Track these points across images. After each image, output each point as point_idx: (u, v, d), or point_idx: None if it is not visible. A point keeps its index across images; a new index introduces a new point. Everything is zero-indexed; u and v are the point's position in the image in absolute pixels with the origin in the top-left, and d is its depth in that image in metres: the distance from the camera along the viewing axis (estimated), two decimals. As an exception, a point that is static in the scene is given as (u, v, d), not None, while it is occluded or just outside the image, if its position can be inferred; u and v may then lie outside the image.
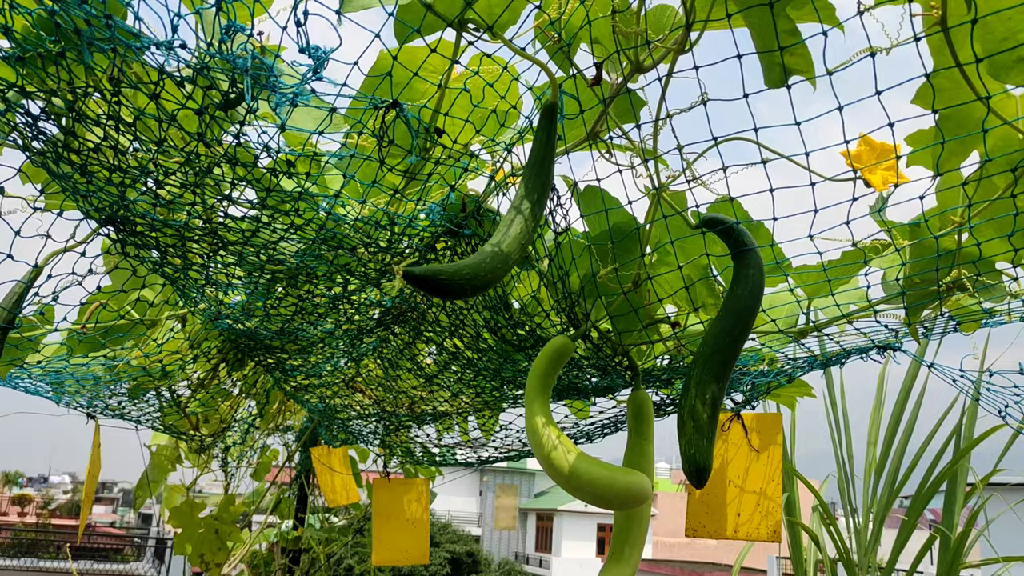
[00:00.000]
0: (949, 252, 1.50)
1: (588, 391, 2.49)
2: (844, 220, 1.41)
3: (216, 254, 1.75)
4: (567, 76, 1.45)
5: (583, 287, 1.77)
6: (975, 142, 1.28)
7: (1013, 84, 1.16)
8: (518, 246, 1.13)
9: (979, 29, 1.11)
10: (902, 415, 3.78)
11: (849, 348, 2.01)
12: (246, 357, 2.68)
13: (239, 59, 1.09)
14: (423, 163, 1.53)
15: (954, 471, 4.17)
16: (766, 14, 1.21)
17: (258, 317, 2.11)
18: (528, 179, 1.23)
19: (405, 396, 3.25)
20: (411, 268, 1.01)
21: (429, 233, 1.86)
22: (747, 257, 1.49)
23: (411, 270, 1.01)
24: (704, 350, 1.47)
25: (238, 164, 1.38)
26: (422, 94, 1.50)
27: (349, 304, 2.18)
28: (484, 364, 2.53)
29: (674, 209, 1.54)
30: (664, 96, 1.38)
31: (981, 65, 1.14)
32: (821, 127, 1.27)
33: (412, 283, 1.02)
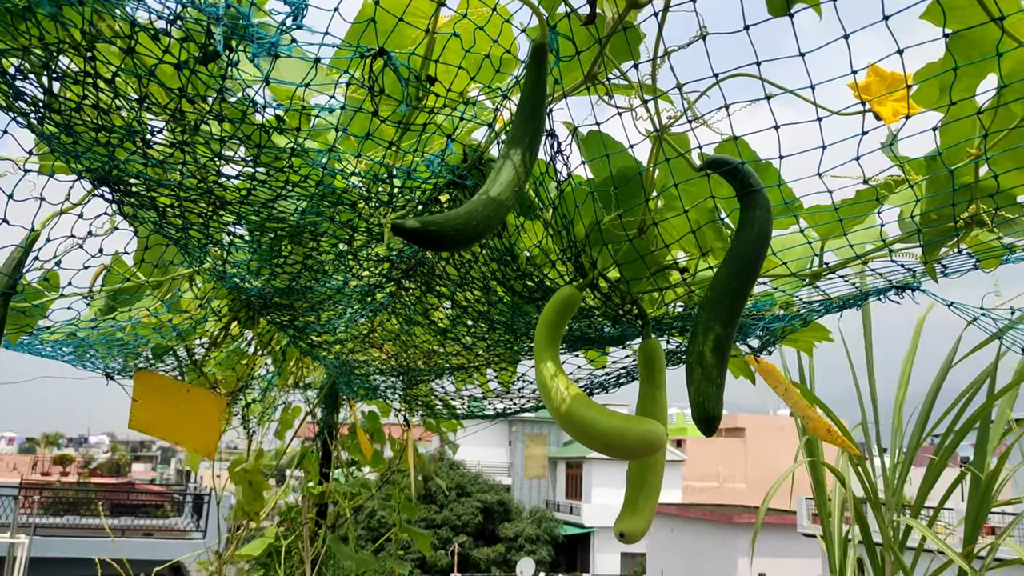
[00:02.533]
0: (966, 186, 1.44)
1: (601, 341, 2.46)
2: (854, 156, 1.36)
3: (215, 213, 1.73)
4: (561, 16, 1.40)
5: (588, 235, 1.73)
6: (990, 67, 1.22)
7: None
8: (510, 192, 1.09)
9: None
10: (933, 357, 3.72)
11: (866, 290, 1.96)
12: (257, 315, 2.67)
13: (211, 7, 1.05)
14: (416, 113, 1.49)
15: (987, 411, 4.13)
16: (765, -61, 1.14)
17: (264, 276, 2.10)
18: (519, 124, 1.18)
19: (420, 351, 3.25)
20: (400, 221, 0.98)
21: (431, 185, 1.82)
22: (753, 198, 1.44)
23: (400, 223, 0.98)
24: (711, 295, 1.43)
25: (225, 120, 1.34)
26: (412, 40, 1.45)
27: (355, 260, 2.16)
28: (495, 316, 2.51)
29: (677, 151, 1.49)
30: (661, 32, 1.32)
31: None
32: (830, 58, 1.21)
33: (402, 236, 0.99)
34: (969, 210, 1.49)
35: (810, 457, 4.30)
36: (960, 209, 1.48)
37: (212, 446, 2.93)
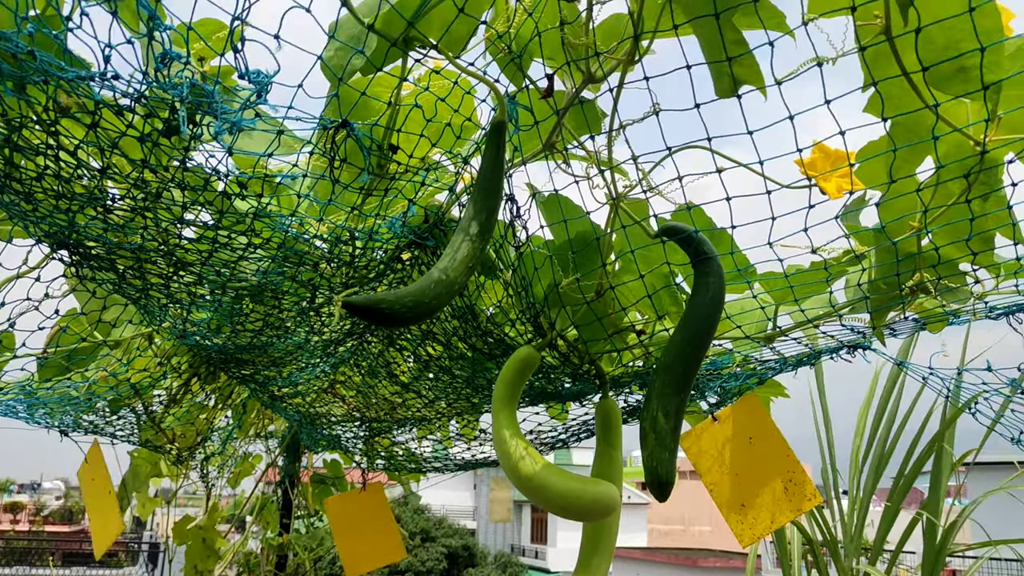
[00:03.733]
0: (911, 256, 1.50)
1: (560, 396, 2.48)
2: (803, 227, 1.41)
3: (176, 274, 1.73)
4: (520, 88, 1.44)
5: (547, 297, 1.76)
6: (927, 149, 1.27)
7: (954, 94, 1.15)
8: (464, 270, 1.12)
9: (921, 39, 1.10)
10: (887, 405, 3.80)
11: (818, 350, 2.01)
12: (218, 370, 2.65)
13: (175, 89, 1.07)
14: (379, 180, 1.52)
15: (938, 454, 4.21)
16: (713, 25, 1.19)
17: (225, 333, 2.09)
18: (476, 199, 1.21)
19: (384, 402, 3.24)
20: (351, 299, 0.99)
21: (392, 246, 1.84)
22: (707, 265, 1.48)
23: (351, 300, 0.99)
24: (665, 360, 1.46)
25: (188, 188, 1.36)
26: (375, 111, 1.48)
27: (317, 317, 2.16)
28: (457, 371, 2.52)
29: (632, 219, 1.53)
30: (616, 107, 1.37)
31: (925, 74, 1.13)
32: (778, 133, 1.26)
33: (353, 313, 1.01)
34: (914, 279, 1.55)
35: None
36: (905, 278, 1.54)
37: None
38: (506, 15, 1.26)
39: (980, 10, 1.09)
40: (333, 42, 1.26)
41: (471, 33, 1.29)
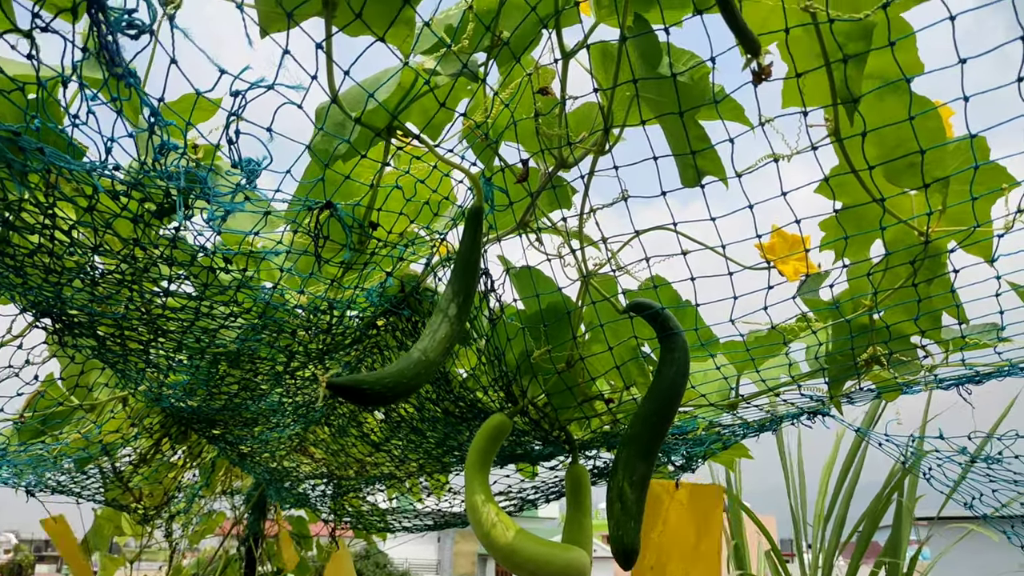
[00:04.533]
0: (863, 333, 1.58)
1: (531, 458, 2.53)
2: (763, 306, 1.49)
3: (155, 341, 1.76)
4: (496, 170, 1.51)
5: (519, 366, 1.81)
6: (877, 235, 1.37)
7: (906, 187, 1.24)
8: (441, 351, 1.17)
9: (874, 136, 1.20)
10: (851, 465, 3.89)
11: (780, 415, 2.08)
12: (189, 430, 2.66)
13: (172, 176, 1.13)
14: (359, 255, 1.57)
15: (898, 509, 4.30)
16: (678, 121, 1.28)
17: (200, 396, 2.12)
18: (454, 281, 1.28)
19: (353, 460, 3.25)
20: (334, 379, 1.04)
21: (368, 314, 1.90)
22: (673, 341, 1.55)
23: (334, 381, 1.05)
24: (632, 431, 1.52)
25: (175, 264, 1.40)
26: (357, 190, 1.54)
27: (292, 380, 2.20)
28: (429, 433, 2.56)
29: (602, 295, 1.60)
30: (587, 192, 1.45)
31: (878, 168, 1.22)
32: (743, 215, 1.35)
33: (336, 393, 1.06)
34: (868, 352, 1.63)
35: (739, 570, 4.39)
36: (859, 351, 1.62)
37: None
38: (484, 106, 1.34)
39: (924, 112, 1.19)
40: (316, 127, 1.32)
41: (451, 122, 1.37)
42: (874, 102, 1.18)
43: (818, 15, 1.06)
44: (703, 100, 1.26)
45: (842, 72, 1.11)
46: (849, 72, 1.10)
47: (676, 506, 2.18)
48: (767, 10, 1.16)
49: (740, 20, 1.03)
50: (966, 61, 1.04)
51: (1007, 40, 1.00)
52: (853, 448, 4.35)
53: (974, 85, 1.06)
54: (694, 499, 2.22)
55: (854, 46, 1.10)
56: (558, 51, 1.30)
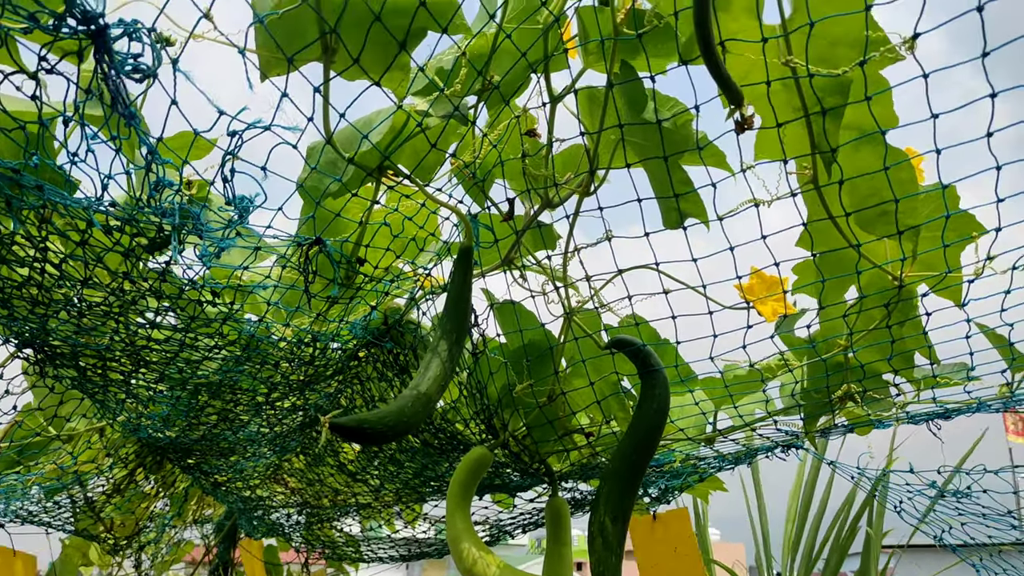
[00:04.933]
0: (838, 371, 1.62)
1: (508, 488, 2.54)
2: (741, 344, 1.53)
3: (137, 371, 1.76)
4: (482, 209, 1.54)
5: (500, 399, 1.83)
6: (852, 279, 1.41)
7: (878, 235, 1.29)
8: (437, 388, 1.19)
9: (848, 184, 1.24)
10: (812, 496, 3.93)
11: (755, 448, 2.12)
12: (164, 459, 2.65)
13: (167, 212, 1.14)
14: (346, 290, 1.59)
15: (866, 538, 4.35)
16: (662, 165, 1.32)
17: (179, 426, 2.11)
18: (445, 320, 1.30)
19: (328, 489, 3.24)
20: (336, 419, 1.06)
21: (351, 346, 1.91)
22: (653, 377, 1.58)
23: (337, 421, 1.06)
24: (613, 466, 1.55)
25: (163, 296, 1.41)
26: (345, 226, 1.57)
27: (272, 411, 2.20)
28: (407, 464, 2.56)
29: (585, 332, 1.63)
30: (572, 231, 1.48)
31: (851, 216, 1.27)
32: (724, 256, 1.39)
33: (338, 434, 1.07)
34: (842, 389, 1.67)
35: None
36: (834, 388, 1.66)
37: None
38: (472, 147, 1.37)
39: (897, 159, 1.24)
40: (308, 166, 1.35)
41: (440, 163, 1.40)
42: (849, 152, 1.23)
43: (798, 70, 1.10)
44: (687, 145, 1.30)
45: (820, 124, 1.16)
46: (827, 125, 1.14)
47: (654, 536, 2.21)
48: (748, 63, 1.20)
49: (724, 73, 1.07)
50: (938, 116, 1.09)
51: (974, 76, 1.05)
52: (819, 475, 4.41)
53: (943, 127, 1.11)
54: (667, 526, 2.26)
55: (831, 100, 1.15)
56: (546, 95, 1.34)
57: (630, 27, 1.22)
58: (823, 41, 1.14)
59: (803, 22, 1.09)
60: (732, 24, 1.17)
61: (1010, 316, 1.41)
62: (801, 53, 1.11)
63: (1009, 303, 1.37)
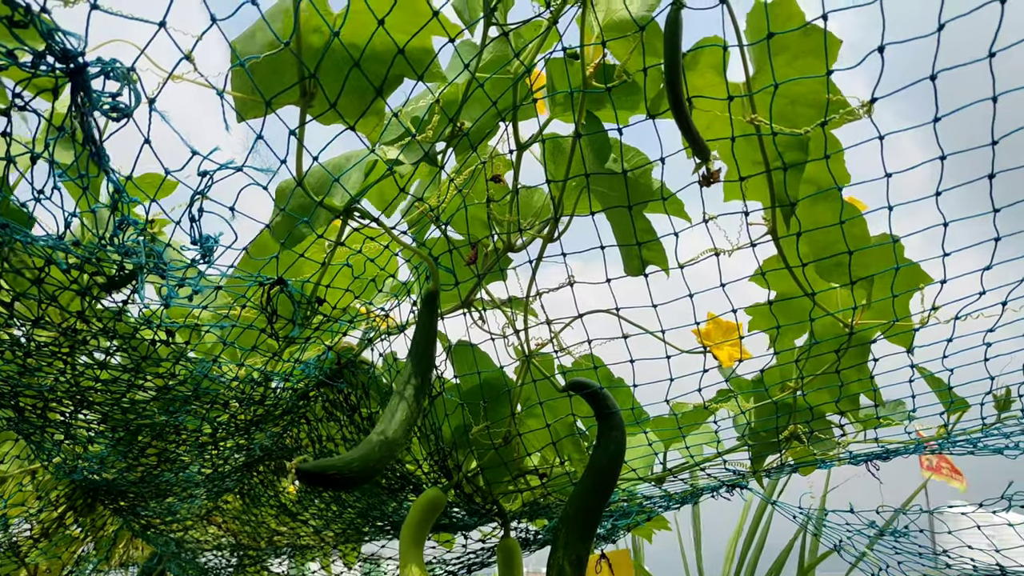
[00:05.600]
0: (788, 412, 1.67)
1: (455, 527, 2.52)
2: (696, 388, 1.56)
3: (80, 412, 1.70)
4: (445, 250, 1.55)
5: (455, 440, 1.83)
6: (805, 325, 1.46)
7: (835, 283, 1.34)
8: (403, 432, 1.19)
9: (805, 236, 1.29)
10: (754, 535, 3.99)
11: (701, 487, 2.15)
12: (96, 502, 2.55)
13: (129, 251, 1.12)
14: (304, 330, 1.57)
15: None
16: (625, 214, 1.35)
17: (118, 468, 2.04)
18: (411, 364, 1.30)
19: (265, 529, 3.16)
20: (303, 465, 1.04)
21: (302, 385, 1.88)
22: (610, 420, 1.60)
23: (303, 467, 1.05)
24: (570, 510, 1.55)
25: (116, 336, 1.38)
26: (303, 265, 1.55)
27: (216, 451, 2.14)
28: (351, 504, 2.52)
29: (543, 374, 1.64)
30: (534, 277, 1.50)
31: (810, 264, 1.32)
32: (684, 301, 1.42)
33: (305, 480, 1.06)
34: (789, 429, 1.72)
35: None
36: (782, 428, 1.71)
37: None
38: (439, 192, 1.38)
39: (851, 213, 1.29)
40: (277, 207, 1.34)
41: (409, 205, 1.41)
42: (807, 205, 1.28)
43: (761, 127, 1.15)
44: (650, 195, 1.33)
45: (781, 178, 1.20)
46: (788, 179, 1.19)
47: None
48: (711, 117, 1.24)
49: (693, 129, 1.11)
50: (891, 175, 1.15)
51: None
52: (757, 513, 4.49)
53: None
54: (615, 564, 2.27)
55: (792, 155, 1.20)
56: (513, 143, 1.36)
57: (599, 80, 1.25)
58: (784, 100, 1.19)
59: (766, 82, 1.14)
60: (698, 80, 1.22)
61: (951, 362, 1.47)
62: (763, 109, 1.16)
63: (951, 350, 1.43)
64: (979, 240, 1.21)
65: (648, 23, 1.17)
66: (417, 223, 1.47)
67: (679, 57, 1.08)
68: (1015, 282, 1.29)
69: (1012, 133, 1.06)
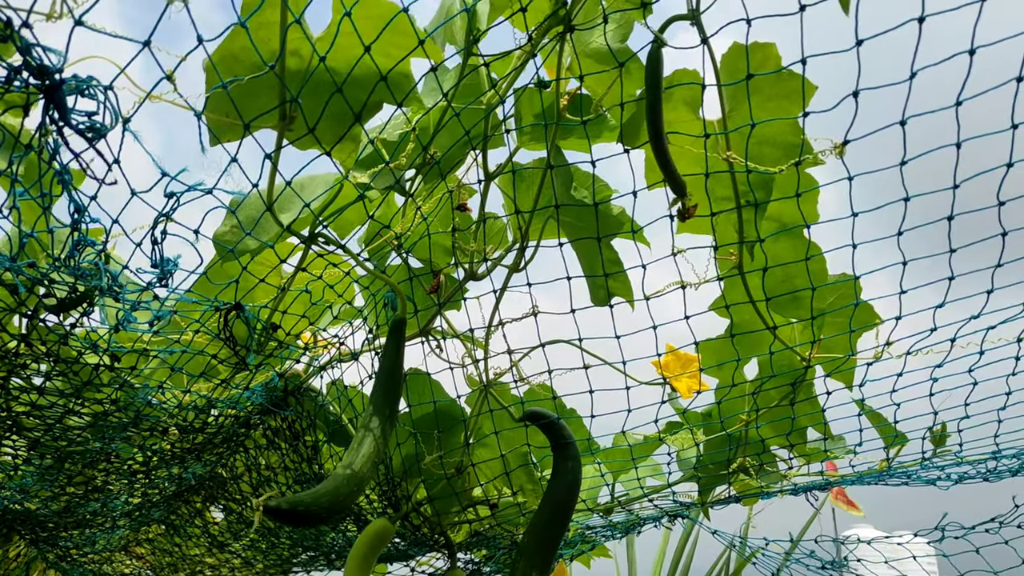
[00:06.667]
0: (738, 445, 1.70)
1: (394, 557, 2.47)
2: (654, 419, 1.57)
3: (7, 437, 1.61)
4: (406, 278, 1.53)
5: (406, 470, 1.79)
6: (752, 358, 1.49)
7: (790, 317, 1.37)
8: (370, 465, 1.16)
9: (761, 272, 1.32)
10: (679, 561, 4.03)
11: (645, 517, 2.17)
12: (12, 532, 2.41)
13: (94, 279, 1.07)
14: (259, 356, 1.53)
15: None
16: (592, 244, 1.36)
17: (42, 497, 1.93)
18: (377, 395, 1.27)
19: (191, 561, 3.03)
20: (272, 503, 1.00)
21: (244, 413, 1.82)
22: (566, 450, 1.60)
23: (271, 504, 1.01)
24: (528, 541, 1.54)
25: (59, 360, 1.31)
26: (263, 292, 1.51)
27: (147, 480, 2.05)
28: (284, 535, 2.45)
29: (500, 404, 1.63)
30: (497, 306, 1.49)
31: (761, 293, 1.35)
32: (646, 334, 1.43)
33: (273, 517, 1.02)
34: (738, 462, 1.75)
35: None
36: (731, 460, 1.73)
37: None
38: (405, 218, 1.36)
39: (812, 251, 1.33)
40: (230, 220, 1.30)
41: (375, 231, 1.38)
42: (769, 241, 1.31)
43: (736, 165, 1.17)
44: (617, 226, 1.34)
45: (750, 214, 1.23)
46: (755, 217, 1.22)
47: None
48: (681, 151, 1.26)
49: (671, 165, 1.12)
50: (857, 215, 1.19)
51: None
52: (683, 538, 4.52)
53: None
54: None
55: (759, 194, 1.23)
56: (481, 172, 1.35)
57: (571, 110, 1.26)
58: (752, 140, 1.22)
59: (739, 121, 1.17)
60: (671, 114, 1.23)
61: (898, 396, 1.52)
62: (734, 148, 1.18)
63: (900, 384, 1.48)
64: (932, 280, 1.27)
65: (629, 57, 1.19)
66: (379, 251, 1.44)
67: (660, 94, 1.10)
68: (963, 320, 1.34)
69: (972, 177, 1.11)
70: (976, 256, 1.23)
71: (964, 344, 1.39)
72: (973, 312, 1.33)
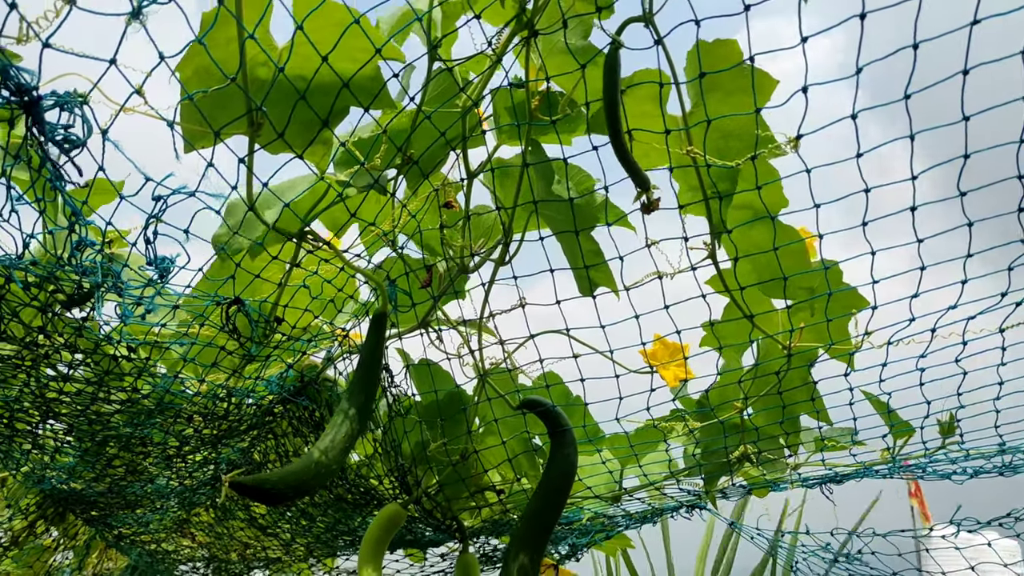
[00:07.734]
0: (735, 433, 1.72)
1: (420, 543, 2.55)
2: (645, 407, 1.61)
3: (46, 423, 1.74)
4: (402, 273, 1.60)
5: (415, 457, 1.87)
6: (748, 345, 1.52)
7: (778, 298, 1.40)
8: (341, 451, 1.23)
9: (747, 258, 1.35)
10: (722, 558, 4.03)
11: (660, 507, 2.19)
12: (67, 511, 2.58)
13: (87, 271, 1.17)
14: (263, 348, 1.62)
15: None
16: (574, 237, 1.40)
17: (85, 479, 2.07)
18: (355, 384, 1.34)
19: (237, 542, 3.18)
20: (238, 478, 1.08)
21: (266, 402, 1.92)
22: (562, 436, 1.64)
23: (238, 480, 1.08)
24: (522, 527, 1.59)
25: (78, 351, 1.42)
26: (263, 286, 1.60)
27: (183, 463, 2.18)
28: (320, 518, 2.55)
29: (497, 392, 1.69)
30: (487, 299, 1.55)
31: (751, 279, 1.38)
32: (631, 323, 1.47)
33: (240, 492, 1.09)
34: (739, 450, 1.77)
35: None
36: (732, 450, 1.75)
37: None
38: (392, 217, 1.43)
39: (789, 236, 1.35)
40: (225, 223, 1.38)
41: (362, 228, 1.46)
42: (745, 229, 1.34)
43: (697, 159, 1.20)
44: (597, 217, 1.39)
45: (716, 205, 1.26)
46: (722, 207, 1.25)
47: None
48: (648, 147, 1.30)
49: (632, 161, 1.16)
50: (820, 206, 1.20)
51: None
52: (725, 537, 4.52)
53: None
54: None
55: (724, 185, 1.25)
56: (463, 171, 1.41)
57: (543, 108, 1.30)
58: (717, 133, 1.25)
59: (702, 116, 1.20)
60: (636, 108, 1.27)
61: (887, 386, 1.53)
62: (698, 142, 1.21)
63: (887, 374, 1.49)
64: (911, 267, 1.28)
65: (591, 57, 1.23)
66: (371, 245, 1.51)
67: (617, 95, 1.14)
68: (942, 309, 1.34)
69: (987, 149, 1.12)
70: (953, 244, 1.23)
71: (947, 335, 1.39)
72: (951, 303, 1.33)
